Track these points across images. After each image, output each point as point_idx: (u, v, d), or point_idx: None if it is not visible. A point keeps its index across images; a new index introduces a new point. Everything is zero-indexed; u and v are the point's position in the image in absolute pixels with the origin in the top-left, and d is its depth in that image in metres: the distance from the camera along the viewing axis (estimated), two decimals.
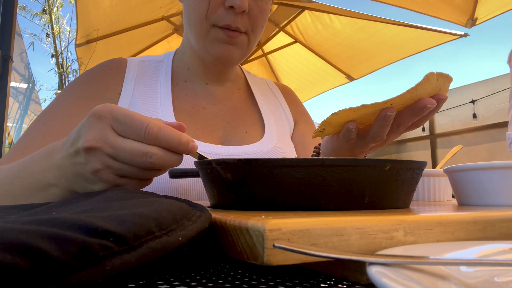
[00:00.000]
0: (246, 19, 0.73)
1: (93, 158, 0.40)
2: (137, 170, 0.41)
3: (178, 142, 0.41)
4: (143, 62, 0.85)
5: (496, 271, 0.22)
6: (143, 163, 0.40)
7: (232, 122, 0.83)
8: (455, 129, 5.28)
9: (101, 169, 0.41)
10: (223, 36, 0.72)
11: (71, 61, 5.27)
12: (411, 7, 2.99)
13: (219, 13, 0.71)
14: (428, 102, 0.47)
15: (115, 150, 0.40)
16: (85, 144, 0.40)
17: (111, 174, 0.41)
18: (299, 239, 0.26)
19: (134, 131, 0.40)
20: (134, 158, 0.40)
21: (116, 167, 0.41)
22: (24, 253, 0.18)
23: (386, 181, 0.37)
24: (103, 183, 0.42)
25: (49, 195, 0.47)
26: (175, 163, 0.42)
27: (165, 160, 0.41)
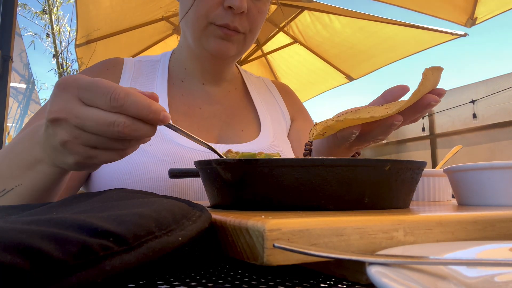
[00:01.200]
0: (244, 20, 0.73)
1: (60, 130, 0.40)
2: (106, 140, 0.40)
3: (147, 109, 0.38)
4: (140, 62, 0.86)
5: (496, 271, 0.22)
6: (110, 133, 0.39)
7: (228, 122, 0.84)
8: (455, 129, 5.27)
9: (69, 140, 0.40)
10: (220, 33, 0.73)
11: (71, 61, 5.28)
12: (410, 7, 2.99)
13: (217, 12, 0.71)
14: (432, 100, 0.48)
15: (81, 120, 0.38)
16: (50, 116, 0.39)
17: (81, 145, 0.40)
18: (299, 239, 0.26)
19: (99, 98, 0.38)
20: (101, 127, 0.38)
21: (84, 138, 0.40)
22: (24, 253, 0.18)
23: (386, 181, 0.37)
24: (74, 155, 0.41)
25: (37, 172, 0.46)
26: (146, 133, 0.40)
27: (135, 130, 0.39)
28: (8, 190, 0.49)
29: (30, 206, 0.37)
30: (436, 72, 0.47)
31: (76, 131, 0.39)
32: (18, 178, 0.48)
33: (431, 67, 0.46)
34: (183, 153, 0.73)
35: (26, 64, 5.92)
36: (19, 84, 5.61)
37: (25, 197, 0.50)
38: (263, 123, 0.86)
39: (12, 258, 0.17)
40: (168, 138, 0.74)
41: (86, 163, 0.43)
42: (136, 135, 0.40)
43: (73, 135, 0.40)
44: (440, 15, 2.96)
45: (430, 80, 0.47)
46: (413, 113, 0.50)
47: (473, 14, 2.83)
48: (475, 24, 2.89)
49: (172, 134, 0.75)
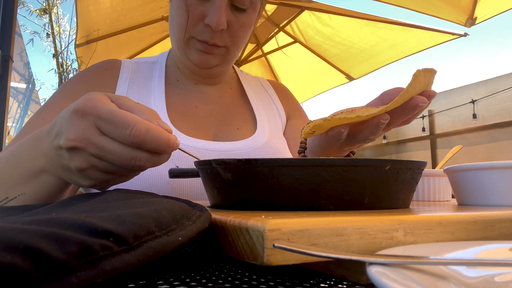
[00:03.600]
0: (225, 35, 0.74)
1: (77, 158, 0.39)
2: (124, 170, 0.40)
3: (167, 145, 0.39)
4: (137, 64, 0.87)
5: (496, 271, 0.22)
6: (131, 166, 0.39)
7: (224, 120, 0.85)
8: (455, 129, 5.27)
9: (86, 168, 0.40)
10: (200, 47, 0.75)
11: (71, 60, 5.28)
12: (410, 7, 2.99)
13: (198, 28, 0.73)
14: (420, 101, 0.47)
15: (100, 151, 0.38)
16: (68, 144, 0.38)
17: (98, 172, 0.40)
18: (299, 239, 0.26)
19: (119, 132, 0.37)
20: (122, 161, 0.39)
21: (102, 166, 0.40)
22: (24, 253, 0.18)
23: (386, 181, 0.37)
24: (90, 180, 0.41)
25: (41, 182, 0.45)
26: (163, 162, 0.41)
27: (155, 163, 0.40)
28: (11, 198, 0.47)
29: (30, 206, 0.37)
30: (428, 74, 0.47)
31: (95, 160, 0.39)
32: (21, 187, 0.46)
33: (424, 69, 0.46)
34: (180, 151, 0.74)
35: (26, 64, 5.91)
36: (19, 84, 5.60)
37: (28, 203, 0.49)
38: (259, 121, 0.87)
39: (12, 258, 0.17)
40: None
41: (101, 187, 0.43)
42: (155, 165, 0.41)
43: (91, 163, 0.39)
44: (440, 15, 2.96)
45: (420, 81, 0.46)
46: (402, 114, 0.49)
47: (473, 14, 2.83)
48: (474, 24, 2.89)
49: None
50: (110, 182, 0.43)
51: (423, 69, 0.45)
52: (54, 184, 0.45)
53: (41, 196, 0.47)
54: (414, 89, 0.46)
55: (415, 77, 0.44)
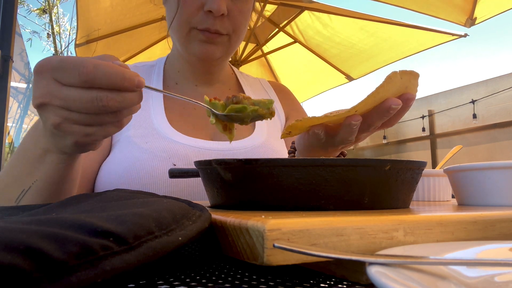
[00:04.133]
0: (226, 22, 0.74)
1: (48, 114, 0.40)
2: (97, 116, 0.40)
3: (121, 78, 0.38)
4: (136, 68, 0.88)
5: (496, 271, 0.22)
6: (96, 108, 0.39)
7: None
8: (455, 129, 5.27)
9: (60, 122, 0.40)
10: (202, 37, 0.74)
11: None
12: (410, 7, 2.99)
13: (198, 17, 0.73)
14: (392, 103, 0.45)
15: (64, 101, 0.38)
16: (35, 102, 0.39)
17: (74, 125, 0.40)
18: (299, 239, 0.26)
19: (71, 76, 0.37)
20: (85, 105, 0.38)
21: (74, 117, 0.40)
22: (24, 253, 0.18)
23: (386, 181, 0.37)
24: (71, 135, 0.41)
25: (48, 163, 0.48)
26: (132, 100, 0.40)
27: (119, 101, 0.39)
28: (27, 189, 0.50)
29: (30, 206, 0.37)
30: (406, 77, 0.45)
31: (64, 112, 0.39)
32: (33, 174, 0.49)
33: (401, 71, 0.44)
34: (179, 149, 0.74)
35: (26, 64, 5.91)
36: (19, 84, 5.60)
37: (43, 192, 0.50)
38: (257, 122, 0.87)
39: (12, 258, 0.17)
40: (163, 136, 0.76)
41: (85, 141, 0.43)
42: (122, 105, 0.39)
43: (62, 116, 0.40)
44: (439, 15, 2.96)
45: (395, 83, 0.44)
46: (377, 116, 0.47)
47: (473, 14, 2.83)
48: (474, 24, 2.89)
49: (168, 132, 0.76)
50: (93, 136, 0.42)
51: (401, 71, 0.44)
52: (59, 162, 0.47)
53: (51, 178, 0.49)
54: (386, 91, 0.44)
55: (388, 78, 0.43)
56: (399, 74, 0.44)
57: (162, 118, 0.78)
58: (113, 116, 0.41)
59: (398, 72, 0.44)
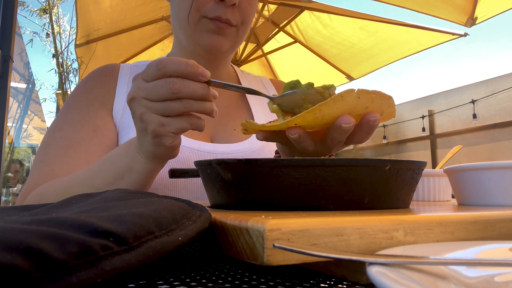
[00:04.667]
0: (236, 12, 0.74)
1: (135, 106, 0.48)
2: (169, 103, 0.46)
3: (185, 65, 0.46)
4: (136, 67, 0.88)
5: (496, 271, 0.22)
6: (167, 92, 0.45)
7: (221, 121, 0.84)
8: (455, 129, 5.27)
9: (143, 112, 0.47)
10: (212, 26, 0.73)
11: (72, 60, 5.27)
12: (410, 7, 2.99)
13: (209, 5, 0.72)
14: (343, 121, 0.41)
15: (145, 92, 0.47)
16: (127, 98, 0.49)
17: (152, 113, 0.47)
18: (299, 239, 0.26)
19: (151, 70, 0.46)
20: (158, 90, 0.46)
21: (153, 107, 0.47)
22: (24, 253, 0.18)
23: (386, 181, 0.37)
24: (150, 124, 0.47)
25: (129, 180, 0.55)
26: (196, 89, 0.46)
27: (184, 85, 0.46)
28: None
29: (30, 206, 0.37)
30: (366, 96, 0.40)
31: (146, 102, 0.47)
32: (114, 184, 0.55)
33: (360, 90, 0.39)
34: (183, 152, 0.74)
35: (26, 64, 5.91)
36: (19, 84, 5.60)
37: None
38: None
39: (12, 258, 0.17)
40: None
41: (161, 132, 0.48)
42: (188, 90, 0.46)
43: (145, 106, 0.47)
44: (440, 15, 2.96)
45: (347, 103, 0.40)
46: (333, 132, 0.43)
47: (473, 14, 2.83)
48: (475, 24, 2.89)
49: None
50: (168, 127, 0.48)
51: (359, 90, 0.39)
52: (144, 178, 0.55)
53: (132, 187, 0.55)
54: (333, 108, 0.40)
55: (339, 96, 0.39)
56: (356, 93, 0.39)
57: None
58: (183, 105, 0.46)
59: (356, 91, 0.39)
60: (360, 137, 0.46)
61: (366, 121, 0.43)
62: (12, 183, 5.79)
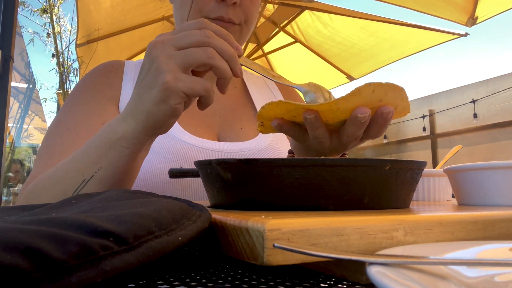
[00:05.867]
0: (238, 11, 0.73)
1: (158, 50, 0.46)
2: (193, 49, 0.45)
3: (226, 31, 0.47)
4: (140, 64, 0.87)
5: (496, 271, 0.22)
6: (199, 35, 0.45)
7: (228, 120, 0.84)
8: (456, 129, 5.27)
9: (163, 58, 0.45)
10: None
11: (72, 60, 5.28)
12: (411, 6, 2.99)
13: (211, 5, 0.72)
14: (359, 112, 0.42)
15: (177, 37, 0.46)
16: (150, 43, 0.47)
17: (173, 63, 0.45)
18: (299, 239, 0.26)
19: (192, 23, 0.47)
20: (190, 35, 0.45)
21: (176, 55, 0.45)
22: (24, 253, 0.18)
23: (386, 181, 0.37)
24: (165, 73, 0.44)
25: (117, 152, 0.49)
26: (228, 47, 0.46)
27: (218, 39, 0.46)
28: (88, 179, 0.50)
29: (30, 206, 0.37)
30: (380, 90, 0.41)
31: (170, 50, 0.45)
32: (97, 163, 0.50)
33: (376, 83, 0.40)
34: (186, 150, 0.74)
35: (27, 64, 5.91)
36: (20, 84, 5.60)
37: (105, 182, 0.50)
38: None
39: (12, 258, 0.17)
40: (170, 134, 0.75)
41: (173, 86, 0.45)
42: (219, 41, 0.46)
43: (167, 53, 0.45)
44: (440, 14, 2.96)
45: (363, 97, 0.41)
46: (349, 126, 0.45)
47: (474, 13, 2.83)
48: (475, 24, 2.89)
49: (175, 130, 0.75)
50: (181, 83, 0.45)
51: (375, 84, 0.40)
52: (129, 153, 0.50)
53: (116, 168, 0.50)
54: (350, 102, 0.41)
55: (357, 90, 0.40)
56: (372, 87, 0.40)
57: None
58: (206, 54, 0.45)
59: (373, 85, 0.40)
60: (375, 130, 0.47)
61: (380, 113, 0.44)
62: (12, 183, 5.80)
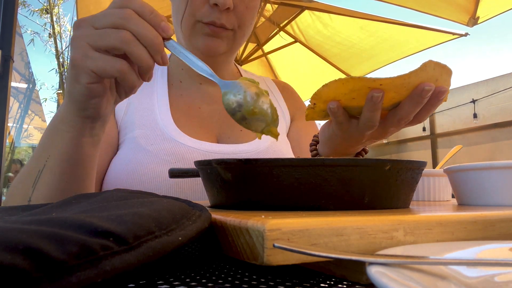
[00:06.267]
0: (232, 16, 0.73)
1: (77, 30, 0.44)
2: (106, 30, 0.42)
3: (150, 9, 0.43)
4: None
5: (496, 271, 0.22)
6: (114, 16, 0.42)
7: (227, 121, 0.84)
8: (456, 129, 5.27)
9: (77, 37, 0.43)
10: (208, 30, 0.72)
11: None
12: (412, 6, 2.99)
13: (204, 10, 0.71)
14: (425, 85, 0.44)
15: (96, 16, 0.43)
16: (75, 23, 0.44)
17: (83, 41, 0.42)
18: (299, 239, 0.26)
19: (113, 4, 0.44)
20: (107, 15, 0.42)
21: (89, 33, 0.42)
22: (24, 253, 0.18)
23: (386, 181, 0.37)
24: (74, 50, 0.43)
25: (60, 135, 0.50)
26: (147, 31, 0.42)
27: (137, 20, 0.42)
28: (41, 169, 0.51)
29: (30, 206, 0.37)
30: (438, 69, 0.44)
31: (87, 30, 0.43)
32: (47, 150, 0.51)
33: (435, 62, 0.43)
34: (184, 152, 0.73)
35: (27, 64, 5.90)
36: (20, 84, 5.60)
37: (55, 171, 0.51)
38: None
39: (12, 258, 0.17)
40: (169, 137, 0.75)
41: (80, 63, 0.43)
42: (136, 24, 0.42)
43: (84, 33, 0.43)
44: (441, 14, 2.96)
45: (427, 73, 0.44)
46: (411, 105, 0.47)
47: (475, 13, 2.83)
48: (477, 24, 2.89)
49: (173, 133, 0.75)
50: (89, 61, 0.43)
51: (435, 62, 0.43)
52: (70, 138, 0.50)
53: (62, 155, 0.50)
54: (419, 77, 0.44)
55: (423, 65, 0.43)
56: (433, 64, 0.43)
57: (167, 118, 0.77)
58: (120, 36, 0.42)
59: (433, 62, 0.43)
60: (425, 112, 0.49)
61: (438, 91, 0.46)
62: None
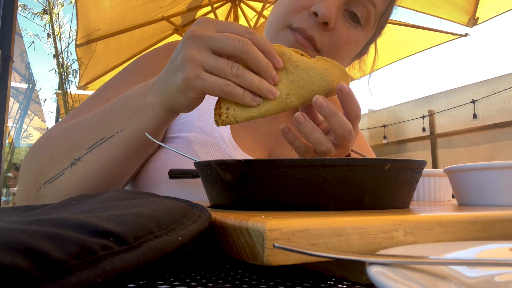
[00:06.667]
0: (326, 36, 0.64)
1: (191, 43, 0.45)
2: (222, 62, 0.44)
3: (270, 44, 0.45)
4: None
5: (496, 271, 0.22)
6: (235, 45, 0.43)
7: (279, 140, 0.80)
8: (456, 129, 5.27)
9: (193, 53, 0.44)
10: (292, 39, 0.64)
11: (72, 61, 5.27)
12: (412, 7, 2.99)
13: (300, 15, 0.64)
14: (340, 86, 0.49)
15: (215, 36, 0.44)
16: (189, 33, 0.45)
17: (198, 60, 0.44)
18: (299, 239, 0.26)
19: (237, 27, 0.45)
20: (228, 40, 0.43)
21: (205, 55, 0.44)
22: (24, 253, 0.18)
23: (386, 181, 0.37)
24: (188, 68, 0.44)
25: (143, 119, 0.50)
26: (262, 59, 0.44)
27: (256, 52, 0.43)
28: (108, 137, 0.50)
29: (30, 207, 0.37)
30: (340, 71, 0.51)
31: (202, 47, 0.44)
32: (121, 123, 0.51)
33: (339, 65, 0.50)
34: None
35: (27, 64, 5.90)
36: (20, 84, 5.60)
37: (122, 145, 0.51)
38: None
39: (12, 258, 0.17)
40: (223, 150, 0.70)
41: (191, 83, 0.45)
42: (254, 55, 0.44)
43: (198, 49, 0.44)
44: (441, 15, 2.96)
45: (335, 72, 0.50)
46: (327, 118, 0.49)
47: (475, 14, 2.83)
48: (476, 24, 2.89)
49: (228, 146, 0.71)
50: (200, 82, 0.45)
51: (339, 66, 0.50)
52: (153, 123, 0.51)
53: (136, 134, 0.51)
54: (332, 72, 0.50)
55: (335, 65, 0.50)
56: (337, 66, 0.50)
57: (226, 129, 0.73)
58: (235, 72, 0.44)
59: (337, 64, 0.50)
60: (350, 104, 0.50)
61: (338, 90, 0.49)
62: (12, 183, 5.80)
